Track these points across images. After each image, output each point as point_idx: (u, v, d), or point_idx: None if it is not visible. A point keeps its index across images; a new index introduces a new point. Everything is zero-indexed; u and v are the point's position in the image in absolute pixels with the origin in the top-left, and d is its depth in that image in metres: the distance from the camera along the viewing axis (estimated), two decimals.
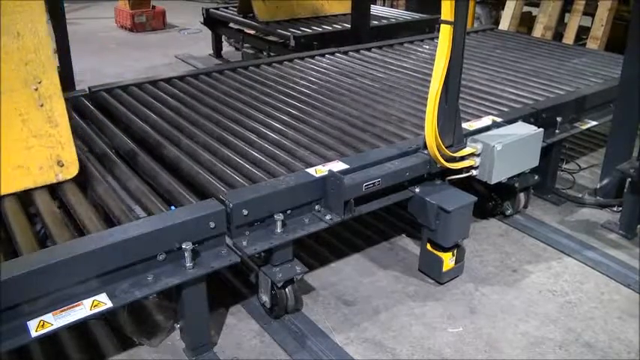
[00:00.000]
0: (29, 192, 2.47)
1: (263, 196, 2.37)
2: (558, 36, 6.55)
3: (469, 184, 3.13)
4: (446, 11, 2.50)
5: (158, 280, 2.13)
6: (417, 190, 2.80)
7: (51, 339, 2.31)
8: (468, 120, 3.20)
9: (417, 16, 6.78)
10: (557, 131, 3.56)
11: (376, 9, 7.16)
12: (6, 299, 1.84)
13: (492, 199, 3.45)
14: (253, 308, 2.70)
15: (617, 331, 2.63)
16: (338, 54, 4.68)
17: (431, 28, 6.46)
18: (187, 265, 2.18)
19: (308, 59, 4.52)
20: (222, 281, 2.87)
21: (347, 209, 2.53)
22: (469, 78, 4.05)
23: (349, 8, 5.89)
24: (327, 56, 4.61)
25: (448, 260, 2.85)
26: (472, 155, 2.90)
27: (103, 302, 2.00)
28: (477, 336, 2.58)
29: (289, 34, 5.66)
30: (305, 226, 2.51)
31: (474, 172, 2.93)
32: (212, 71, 4.14)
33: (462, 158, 2.89)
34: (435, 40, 3.83)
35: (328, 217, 2.54)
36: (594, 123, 3.79)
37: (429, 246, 2.87)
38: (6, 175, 2.40)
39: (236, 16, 6.63)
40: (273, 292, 2.55)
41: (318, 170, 2.59)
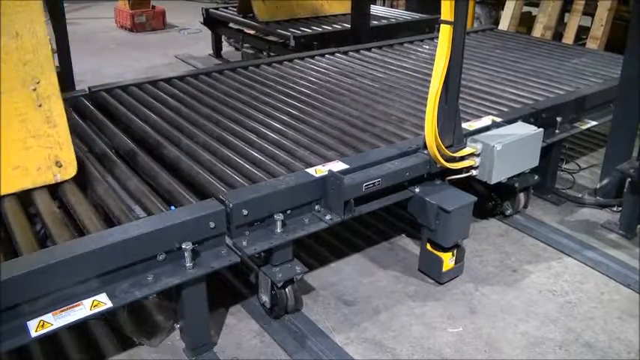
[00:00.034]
0: (29, 192, 2.47)
1: (263, 196, 2.37)
2: (558, 36, 6.55)
3: (469, 184, 3.13)
4: (446, 11, 2.50)
5: (158, 280, 2.13)
6: (417, 190, 2.80)
7: (51, 339, 2.31)
8: (468, 120, 3.20)
9: (417, 16, 6.78)
10: (557, 131, 3.56)
11: (376, 9, 7.16)
12: (6, 299, 1.84)
13: (492, 199, 3.45)
14: (253, 308, 2.70)
15: (617, 331, 2.63)
16: (338, 54, 4.68)
17: (431, 28, 6.46)
18: (187, 265, 2.18)
19: (308, 59, 4.52)
20: (222, 281, 2.87)
21: (347, 209, 2.53)
22: (469, 78, 4.05)
23: (349, 8, 5.89)
24: (327, 56, 4.61)
25: (448, 260, 2.85)
26: (472, 155, 2.90)
27: (103, 302, 2.00)
28: (477, 336, 2.58)
29: (289, 34, 5.66)
30: (305, 226, 2.50)
31: (474, 172, 2.93)
32: (212, 71, 4.14)
33: (462, 158, 2.89)
34: (435, 40, 3.83)
35: (328, 217, 2.54)
36: (594, 123, 3.79)
37: (429, 246, 2.87)
38: (4, 176, 2.40)
39: (236, 16, 6.63)
40: (273, 292, 2.55)
41: (318, 170, 2.59)
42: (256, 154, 2.83)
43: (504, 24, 6.68)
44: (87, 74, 6.01)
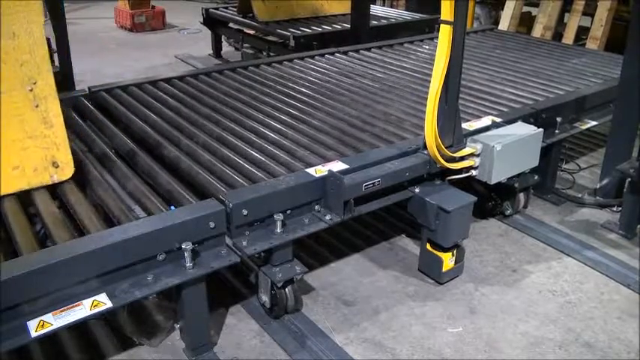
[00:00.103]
0: (29, 192, 2.47)
1: (263, 196, 2.37)
2: (558, 36, 6.55)
3: (469, 184, 3.13)
4: (446, 11, 2.50)
5: (158, 280, 2.13)
6: (417, 190, 2.80)
7: (51, 339, 2.31)
8: (468, 120, 3.20)
9: (417, 16, 6.78)
10: (556, 131, 3.56)
11: (376, 9, 7.16)
12: (6, 299, 1.84)
13: (492, 199, 3.45)
14: (253, 308, 2.70)
15: (616, 331, 2.63)
16: (338, 54, 4.68)
17: (431, 28, 6.47)
18: (187, 265, 2.18)
19: (308, 59, 4.52)
20: (222, 281, 2.87)
21: (347, 209, 2.53)
22: (469, 78, 4.05)
23: (349, 8, 5.89)
24: (327, 56, 4.61)
25: (448, 260, 2.85)
26: (472, 155, 2.90)
27: (103, 302, 2.00)
28: (477, 336, 2.58)
29: (289, 34, 5.66)
30: (305, 226, 2.50)
31: (474, 173, 2.93)
32: (212, 71, 4.14)
33: (462, 158, 2.89)
34: (435, 40, 3.83)
35: (328, 217, 2.54)
36: (594, 123, 3.79)
37: (429, 246, 2.87)
38: (2, 176, 2.39)
39: (236, 16, 6.63)
40: (272, 292, 2.55)
41: (317, 170, 2.59)
42: (256, 154, 2.83)
43: (504, 24, 6.68)
44: (87, 74, 6.01)
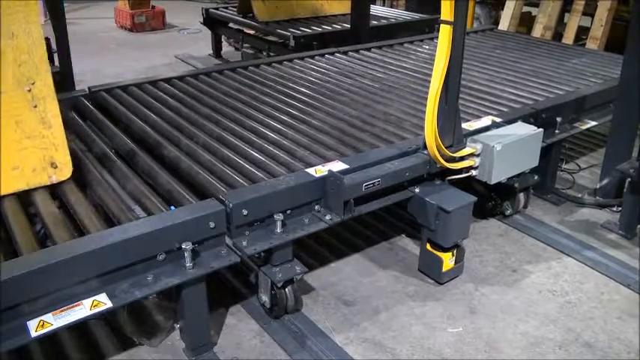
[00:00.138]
0: (29, 192, 2.47)
1: (263, 196, 2.37)
2: (558, 36, 6.55)
3: (469, 185, 3.13)
4: (446, 11, 2.50)
5: (158, 280, 2.13)
6: (417, 190, 2.80)
7: (51, 339, 2.31)
8: (468, 120, 3.20)
9: (417, 16, 6.78)
10: (556, 131, 3.56)
11: (376, 9, 7.16)
12: (6, 299, 1.84)
13: (492, 199, 3.45)
14: (253, 308, 2.70)
15: (616, 331, 2.63)
16: (337, 54, 4.68)
17: (431, 28, 6.46)
18: (187, 265, 2.18)
19: (308, 59, 4.52)
20: (222, 281, 2.87)
21: (347, 209, 2.53)
22: (469, 78, 4.05)
23: (349, 8, 5.89)
24: (327, 56, 4.61)
25: (448, 260, 2.85)
26: (472, 155, 2.90)
27: (103, 302, 2.00)
28: (477, 336, 2.58)
29: (289, 34, 5.66)
30: (305, 226, 2.50)
31: (474, 173, 2.93)
32: (212, 71, 4.14)
33: (462, 158, 2.89)
34: (435, 40, 3.83)
35: (328, 217, 2.54)
36: (594, 123, 3.79)
37: (429, 246, 2.87)
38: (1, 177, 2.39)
39: (236, 16, 6.63)
40: (272, 292, 2.55)
41: (317, 170, 2.59)
42: (256, 154, 2.83)
43: (504, 24, 6.68)
44: (87, 74, 6.01)
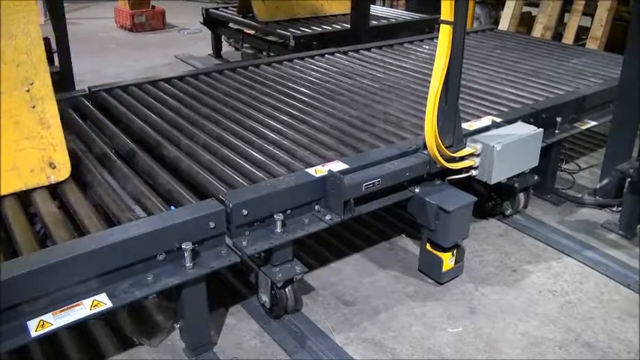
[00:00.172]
0: (29, 192, 2.47)
1: (263, 196, 2.37)
2: (558, 36, 6.55)
3: (469, 185, 3.13)
4: (446, 11, 2.50)
5: (158, 280, 2.13)
6: (417, 190, 2.80)
7: (51, 339, 2.32)
8: (468, 120, 3.20)
9: (417, 16, 6.78)
10: (556, 131, 3.56)
11: (376, 9, 7.16)
12: (6, 299, 1.84)
13: (492, 199, 3.45)
14: (253, 308, 2.70)
15: (616, 331, 2.63)
16: (337, 54, 4.68)
17: (431, 28, 6.46)
18: (187, 265, 2.18)
19: (308, 59, 4.52)
20: (222, 281, 2.87)
21: (347, 209, 2.53)
22: (469, 78, 4.05)
23: (349, 8, 5.89)
24: (327, 56, 4.61)
25: (448, 260, 2.85)
26: (472, 155, 2.90)
27: (103, 302, 2.00)
28: (477, 336, 2.58)
29: (289, 34, 5.66)
30: (305, 226, 2.50)
31: (474, 173, 2.93)
32: (212, 71, 4.14)
33: (462, 158, 2.89)
34: (435, 40, 3.83)
35: (328, 217, 2.54)
36: (594, 123, 3.79)
37: (429, 246, 2.87)
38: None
39: (236, 16, 6.63)
40: (272, 292, 2.55)
41: (317, 170, 2.59)
42: (256, 154, 2.83)
43: (504, 24, 6.68)
44: (87, 74, 6.01)
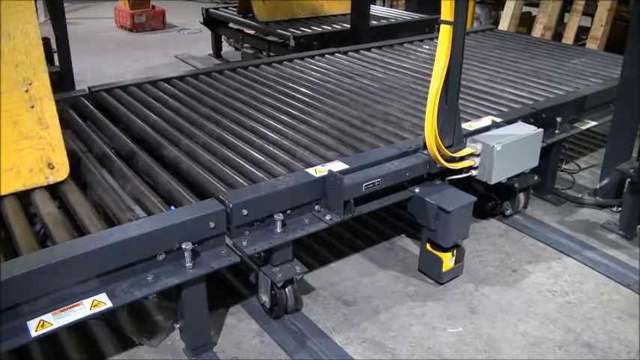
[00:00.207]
0: (29, 192, 2.47)
1: (263, 196, 2.37)
2: (558, 36, 6.55)
3: (469, 185, 3.13)
4: (446, 11, 2.50)
5: (158, 280, 2.13)
6: (417, 191, 2.80)
7: (51, 339, 2.32)
8: (468, 120, 3.20)
9: (417, 16, 6.78)
10: (556, 131, 3.56)
11: (376, 9, 7.16)
12: (6, 299, 1.84)
13: (492, 199, 3.45)
14: (253, 308, 2.70)
15: (616, 332, 2.63)
16: (338, 54, 4.68)
17: (430, 28, 6.46)
18: (187, 265, 2.18)
19: (308, 59, 4.52)
20: (222, 281, 2.87)
21: (347, 209, 2.53)
22: (469, 78, 4.05)
23: (349, 8, 5.89)
24: (327, 56, 4.61)
25: (448, 260, 2.85)
26: (472, 155, 2.90)
27: (103, 302, 2.00)
28: (477, 336, 2.58)
29: (289, 34, 5.66)
30: (305, 226, 2.50)
31: (474, 173, 2.93)
32: (212, 71, 4.14)
33: (462, 158, 2.89)
34: (435, 40, 3.83)
35: (328, 217, 2.54)
36: (594, 123, 3.79)
37: (429, 246, 2.87)
38: None
39: (236, 16, 6.63)
40: (272, 292, 2.55)
41: (317, 170, 2.59)
42: (256, 154, 2.83)
43: (504, 24, 6.68)
44: (87, 74, 6.01)
